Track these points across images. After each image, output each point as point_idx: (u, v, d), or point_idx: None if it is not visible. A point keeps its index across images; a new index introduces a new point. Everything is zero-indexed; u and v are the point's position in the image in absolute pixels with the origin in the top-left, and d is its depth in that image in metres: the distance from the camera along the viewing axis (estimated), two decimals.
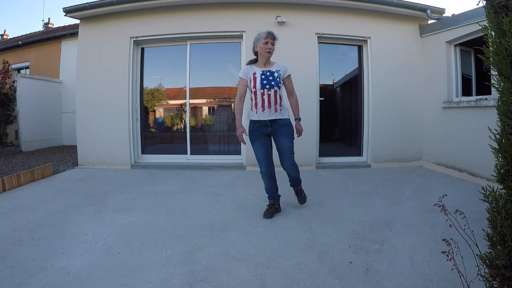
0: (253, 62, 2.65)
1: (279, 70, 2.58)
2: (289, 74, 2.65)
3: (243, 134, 2.59)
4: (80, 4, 4.74)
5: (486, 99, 3.72)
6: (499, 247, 1.23)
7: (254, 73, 2.54)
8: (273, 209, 2.70)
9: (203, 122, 5.44)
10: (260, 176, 2.72)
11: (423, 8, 4.70)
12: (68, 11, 4.83)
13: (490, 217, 1.26)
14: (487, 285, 1.25)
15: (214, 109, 5.51)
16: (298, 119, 2.74)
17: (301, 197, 2.90)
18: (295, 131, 2.73)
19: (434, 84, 4.73)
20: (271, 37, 2.50)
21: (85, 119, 5.03)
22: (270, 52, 2.53)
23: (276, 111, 2.55)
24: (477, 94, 4.32)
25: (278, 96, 2.54)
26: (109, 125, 4.95)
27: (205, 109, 5.49)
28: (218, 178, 4.19)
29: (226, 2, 4.74)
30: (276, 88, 2.52)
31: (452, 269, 1.37)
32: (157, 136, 5.64)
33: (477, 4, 1.41)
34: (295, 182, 2.82)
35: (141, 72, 5.21)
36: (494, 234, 1.25)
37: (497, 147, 1.26)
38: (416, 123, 4.97)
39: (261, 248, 2.08)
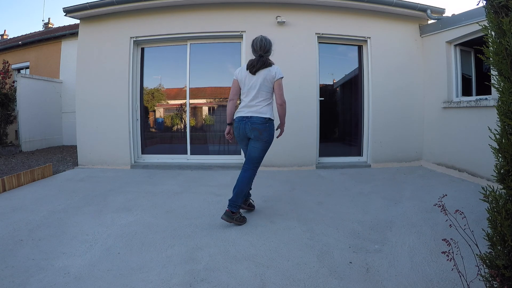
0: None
1: None
2: None
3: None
4: (80, 4, 4.74)
5: (486, 99, 3.72)
6: (499, 247, 1.23)
7: None
8: None
9: (203, 122, 5.44)
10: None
11: (423, 8, 4.70)
12: (68, 11, 4.83)
13: (490, 217, 1.26)
14: (487, 285, 1.25)
15: (214, 109, 5.51)
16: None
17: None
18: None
19: (434, 84, 4.73)
20: None
21: (85, 119, 5.03)
22: None
23: None
24: (477, 94, 4.32)
25: None
26: (109, 125, 4.95)
27: (205, 109, 5.49)
28: (218, 178, 4.19)
29: (226, 2, 4.74)
30: None
31: (452, 269, 1.37)
32: (157, 136, 5.64)
33: (477, 4, 1.41)
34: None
35: (141, 72, 5.21)
36: (494, 234, 1.25)
37: (497, 147, 1.26)
38: (416, 123, 4.97)
39: (261, 248, 2.08)
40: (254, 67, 2.51)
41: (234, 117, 2.60)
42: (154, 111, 5.53)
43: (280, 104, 2.51)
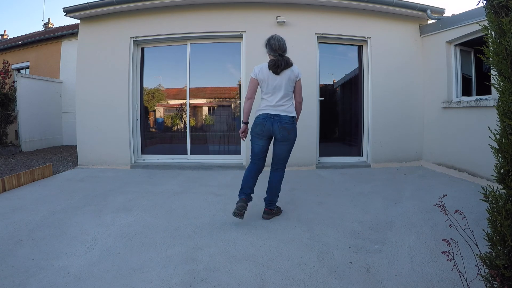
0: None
1: None
2: None
3: None
4: (80, 4, 4.74)
5: (486, 99, 3.72)
6: (499, 247, 1.23)
7: None
8: None
9: (203, 122, 5.45)
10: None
11: (423, 8, 4.70)
12: (68, 11, 4.83)
13: (490, 217, 1.26)
14: (487, 285, 1.25)
15: (214, 109, 5.51)
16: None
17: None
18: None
19: (434, 84, 4.73)
20: None
21: (85, 119, 5.03)
22: None
23: None
24: (477, 94, 4.33)
25: None
26: (109, 125, 4.95)
27: (205, 109, 5.49)
28: (218, 178, 4.19)
29: (226, 2, 4.74)
30: None
31: (452, 269, 1.37)
32: (157, 136, 5.64)
33: (477, 4, 1.41)
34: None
35: (141, 72, 5.21)
36: (494, 234, 1.25)
37: (497, 147, 1.26)
38: (416, 123, 4.97)
39: (261, 248, 2.08)
40: (278, 67, 2.50)
41: (257, 115, 2.58)
42: (154, 111, 5.53)
43: (299, 102, 2.66)
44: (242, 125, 2.67)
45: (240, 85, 5.06)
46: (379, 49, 4.89)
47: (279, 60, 2.50)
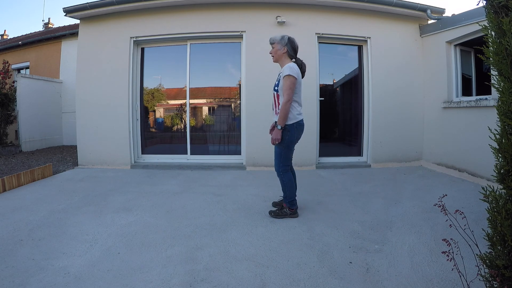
0: None
1: (280, 73, 2.56)
2: (284, 76, 2.43)
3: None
4: (80, 4, 4.74)
5: (486, 99, 3.72)
6: (499, 247, 1.23)
7: None
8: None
9: (203, 122, 5.45)
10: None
11: (423, 8, 4.70)
12: (68, 11, 4.83)
13: (490, 217, 1.26)
14: (487, 285, 1.25)
15: (214, 109, 5.51)
16: (276, 126, 2.48)
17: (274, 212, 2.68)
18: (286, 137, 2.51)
19: (434, 84, 4.73)
20: (269, 42, 2.67)
21: (85, 119, 5.03)
22: (271, 55, 2.67)
23: (276, 113, 2.60)
24: (477, 94, 4.33)
25: (276, 99, 2.59)
26: (109, 125, 4.95)
27: (205, 109, 5.49)
28: (218, 178, 4.19)
29: (226, 2, 4.74)
30: (274, 91, 2.62)
31: (452, 269, 1.37)
32: (157, 136, 5.64)
33: (477, 4, 1.41)
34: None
35: (141, 72, 5.21)
36: (494, 234, 1.25)
37: (497, 147, 1.26)
38: (416, 123, 4.97)
39: (261, 248, 2.08)
40: (305, 71, 2.61)
41: (298, 120, 2.55)
42: (154, 111, 5.53)
43: None
44: (278, 130, 2.46)
45: (240, 85, 5.06)
46: (379, 49, 4.89)
47: (303, 62, 2.57)
